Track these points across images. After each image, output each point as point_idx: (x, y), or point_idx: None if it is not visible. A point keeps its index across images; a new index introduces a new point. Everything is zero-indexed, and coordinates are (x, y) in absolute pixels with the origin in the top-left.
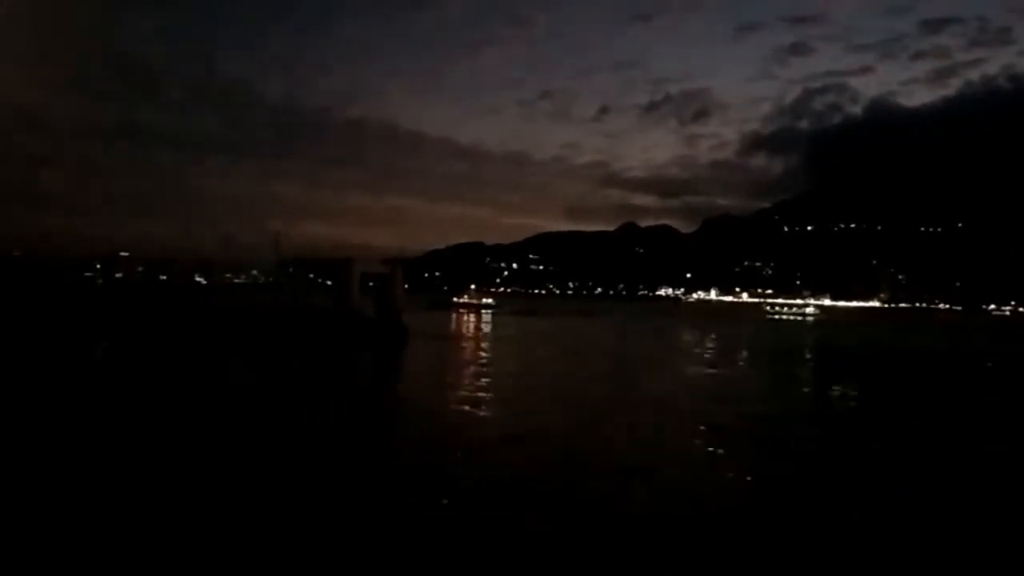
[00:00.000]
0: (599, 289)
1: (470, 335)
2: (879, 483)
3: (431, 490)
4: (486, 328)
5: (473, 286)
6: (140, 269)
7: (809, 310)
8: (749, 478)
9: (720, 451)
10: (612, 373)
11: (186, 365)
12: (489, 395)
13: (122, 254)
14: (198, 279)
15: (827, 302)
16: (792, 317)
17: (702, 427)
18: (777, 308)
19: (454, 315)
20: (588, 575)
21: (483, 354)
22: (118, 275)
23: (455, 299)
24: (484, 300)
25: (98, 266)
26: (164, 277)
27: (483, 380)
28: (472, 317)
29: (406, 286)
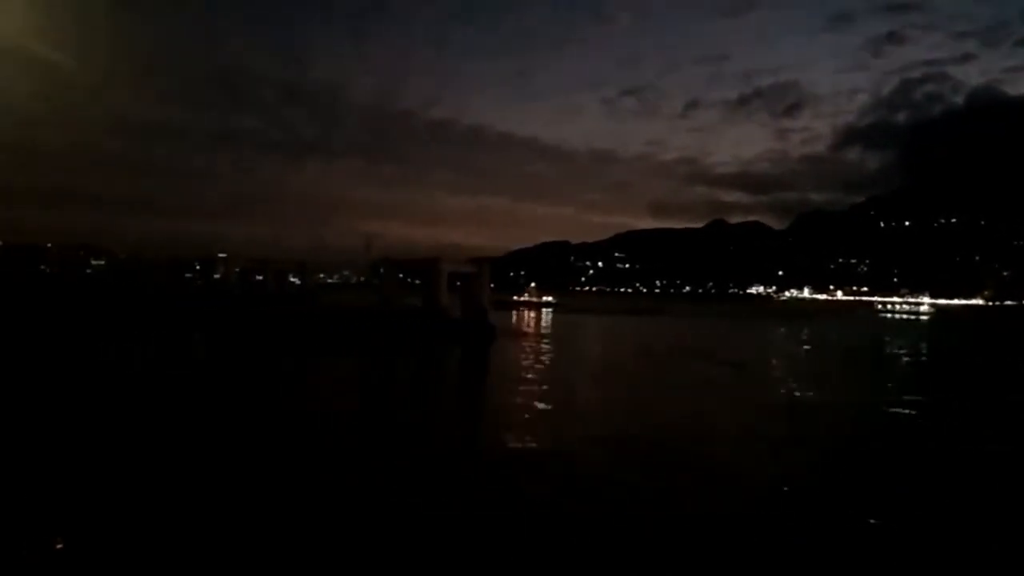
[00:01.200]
0: (687, 288)
1: (544, 333)
2: None
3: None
4: (551, 327)
5: (533, 284)
6: (237, 270)
7: (923, 308)
8: None
9: None
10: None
11: (287, 360)
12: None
13: (220, 255)
14: (292, 279)
15: (927, 300)
16: (905, 316)
17: None
18: (888, 307)
19: (514, 313)
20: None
21: (555, 352)
22: (216, 276)
23: (515, 297)
24: (544, 298)
25: (197, 267)
26: (260, 277)
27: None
28: (532, 314)
29: (492, 285)
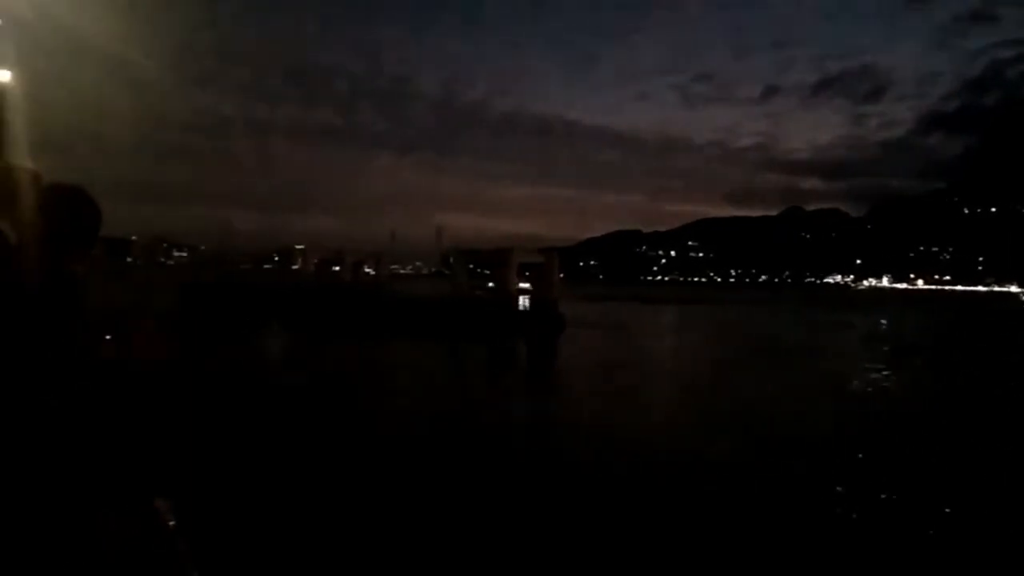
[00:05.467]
0: (763, 276)
1: (616, 323)
2: None
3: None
4: (622, 317)
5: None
6: (315, 261)
7: None
8: None
9: None
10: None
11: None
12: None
13: (297, 247)
14: (367, 270)
15: (1015, 289)
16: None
17: None
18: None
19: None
20: None
21: (625, 342)
22: (294, 267)
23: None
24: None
25: (276, 258)
26: (337, 268)
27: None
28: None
29: (561, 275)
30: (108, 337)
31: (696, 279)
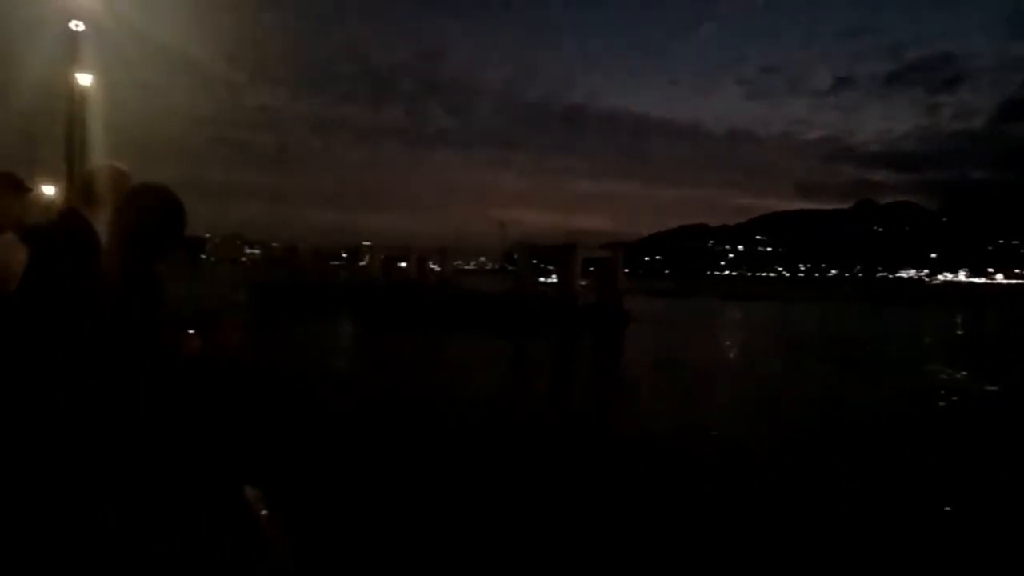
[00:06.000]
0: (833, 271)
1: (677, 320)
2: None
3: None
4: (686, 314)
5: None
6: (382, 257)
7: None
8: None
9: None
10: None
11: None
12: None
13: (364, 244)
14: (432, 266)
15: None
16: None
17: None
18: None
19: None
20: None
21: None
22: (362, 264)
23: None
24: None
25: (343, 255)
26: (402, 264)
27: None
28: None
29: (626, 271)
30: (191, 332)
31: (764, 274)
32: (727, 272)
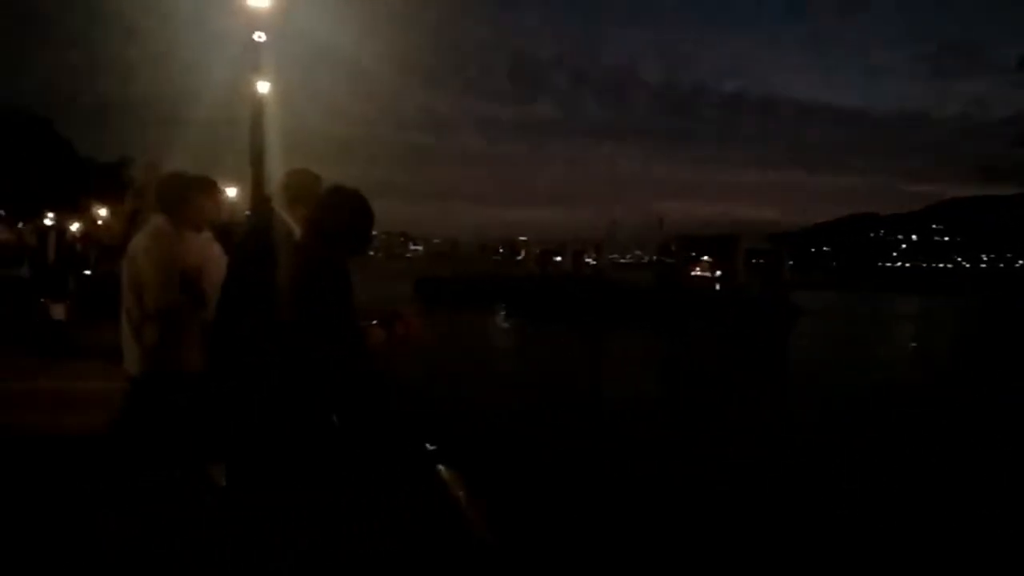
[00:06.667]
0: (1020, 262)
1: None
2: None
3: None
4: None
5: (706, 256)
6: (537, 252)
7: None
8: None
9: None
10: None
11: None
12: None
13: (520, 239)
14: (588, 260)
15: None
16: None
17: None
18: None
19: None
20: None
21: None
22: (518, 258)
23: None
24: (717, 272)
25: (500, 250)
26: (558, 259)
27: None
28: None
29: (791, 262)
30: (374, 323)
31: (941, 265)
32: (900, 264)
